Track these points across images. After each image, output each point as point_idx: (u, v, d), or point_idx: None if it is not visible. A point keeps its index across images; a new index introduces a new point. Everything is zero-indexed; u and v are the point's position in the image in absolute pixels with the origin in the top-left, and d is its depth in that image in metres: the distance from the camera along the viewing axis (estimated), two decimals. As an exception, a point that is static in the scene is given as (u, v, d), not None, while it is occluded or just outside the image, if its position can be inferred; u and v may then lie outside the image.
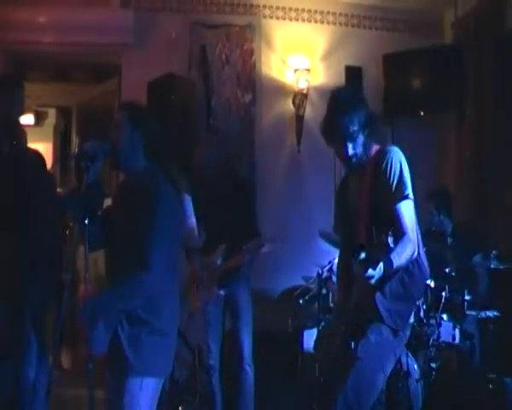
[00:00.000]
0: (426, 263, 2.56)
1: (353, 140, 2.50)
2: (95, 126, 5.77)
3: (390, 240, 2.20)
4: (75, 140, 6.06)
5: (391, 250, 2.27)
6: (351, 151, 2.52)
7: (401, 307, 2.48)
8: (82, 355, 4.53)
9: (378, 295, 2.44)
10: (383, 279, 2.34)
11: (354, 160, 2.55)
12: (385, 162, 2.49)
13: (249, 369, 3.88)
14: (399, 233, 2.37)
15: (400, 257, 2.36)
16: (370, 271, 2.23)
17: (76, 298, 4.17)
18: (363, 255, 2.21)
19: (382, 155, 2.53)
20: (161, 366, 2.40)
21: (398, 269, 2.40)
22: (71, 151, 6.05)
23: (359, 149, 2.53)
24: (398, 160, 2.49)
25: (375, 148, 2.60)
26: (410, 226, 2.44)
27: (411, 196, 2.47)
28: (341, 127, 2.49)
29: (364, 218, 2.52)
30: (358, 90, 2.80)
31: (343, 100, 2.58)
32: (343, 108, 2.52)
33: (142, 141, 2.48)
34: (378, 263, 2.23)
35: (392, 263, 2.31)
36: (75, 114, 6.12)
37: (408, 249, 2.40)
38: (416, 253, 2.44)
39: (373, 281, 2.27)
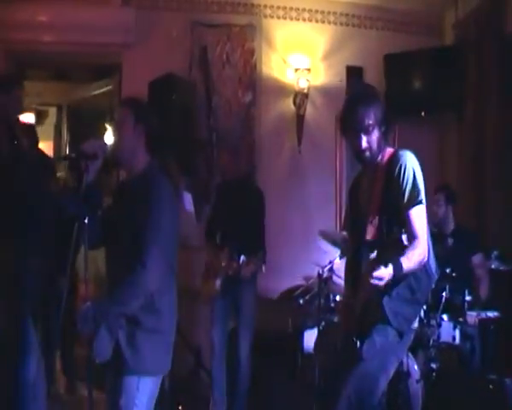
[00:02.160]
0: (434, 268, 2.56)
1: (368, 133, 2.52)
2: (92, 125, 5.81)
3: (404, 237, 2.20)
4: (66, 137, 6.11)
5: (403, 248, 2.27)
6: (364, 144, 2.54)
7: (407, 311, 2.49)
8: (81, 356, 4.53)
9: (385, 297, 2.44)
10: (391, 282, 2.34)
11: (368, 154, 2.56)
12: (398, 167, 2.50)
13: (244, 371, 3.98)
14: (410, 238, 2.38)
15: (410, 261, 2.37)
16: (382, 269, 2.24)
17: (75, 298, 4.16)
18: (373, 254, 2.21)
19: (396, 158, 2.54)
20: (159, 365, 2.40)
21: (408, 273, 2.41)
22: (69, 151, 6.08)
23: (373, 144, 2.54)
24: (412, 165, 2.50)
25: (389, 150, 2.61)
26: (422, 232, 2.44)
27: (424, 201, 2.48)
28: (357, 119, 2.52)
29: (375, 220, 2.52)
30: (372, 87, 2.83)
31: (362, 93, 2.63)
32: (361, 101, 2.55)
33: (143, 137, 2.46)
34: (389, 262, 2.24)
35: (401, 266, 2.31)
36: (66, 112, 6.16)
37: (419, 253, 2.41)
38: (426, 258, 2.45)
39: (382, 283, 2.27)
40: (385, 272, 2.26)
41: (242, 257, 3.86)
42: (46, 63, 5.88)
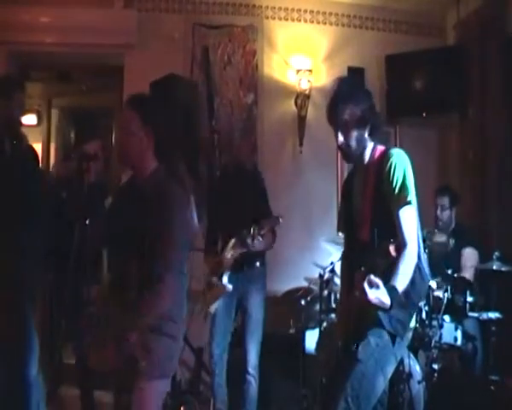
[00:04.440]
0: (427, 268, 2.54)
1: (344, 129, 2.52)
2: (94, 127, 5.84)
3: (392, 248, 2.18)
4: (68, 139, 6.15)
5: (392, 259, 2.25)
6: (340, 139, 2.54)
7: (402, 314, 2.45)
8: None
9: None
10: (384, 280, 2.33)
11: (345, 150, 2.56)
12: (388, 166, 2.47)
13: (252, 380, 3.70)
14: (401, 243, 2.35)
15: (404, 278, 2.34)
16: (373, 291, 2.20)
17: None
18: (362, 269, 2.20)
19: (386, 157, 2.51)
20: (169, 368, 2.42)
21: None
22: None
23: (351, 142, 2.53)
24: (402, 164, 2.47)
25: (379, 149, 2.59)
26: (411, 234, 2.41)
27: (414, 201, 2.45)
28: (334, 114, 2.54)
29: (367, 219, 2.51)
30: (361, 86, 2.79)
31: (342, 88, 2.60)
32: (340, 97, 2.55)
33: (152, 139, 2.38)
34: (378, 270, 2.22)
35: (397, 291, 2.29)
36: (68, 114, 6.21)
37: (410, 264, 2.38)
38: (416, 259, 2.43)
39: (374, 300, 2.23)
40: (378, 294, 2.22)
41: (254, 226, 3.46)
42: (48, 65, 5.89)
